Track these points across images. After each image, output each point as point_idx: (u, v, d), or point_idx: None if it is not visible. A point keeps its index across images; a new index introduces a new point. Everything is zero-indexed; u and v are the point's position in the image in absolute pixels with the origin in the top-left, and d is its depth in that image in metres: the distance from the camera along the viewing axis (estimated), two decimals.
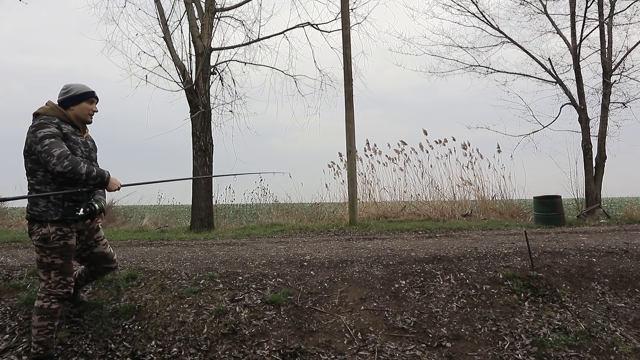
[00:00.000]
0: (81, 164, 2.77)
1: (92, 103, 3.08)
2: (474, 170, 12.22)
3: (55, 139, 2.77)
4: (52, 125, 2.82)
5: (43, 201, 2.84)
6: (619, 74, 11.97)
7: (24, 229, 10.06)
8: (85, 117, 3.06)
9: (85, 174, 2.77)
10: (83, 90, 3.04)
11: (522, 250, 5.25)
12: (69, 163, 2.71)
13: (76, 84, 3.07)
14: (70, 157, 2.74)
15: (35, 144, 2.77)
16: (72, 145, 2.87)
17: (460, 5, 12.61)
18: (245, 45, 10.36)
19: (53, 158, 2.70)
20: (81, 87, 3.06)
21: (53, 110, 2.95)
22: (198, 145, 9.57)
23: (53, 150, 2.72)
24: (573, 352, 3.48)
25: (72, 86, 3.05)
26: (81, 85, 3.07)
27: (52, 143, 2.74)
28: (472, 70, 12.93)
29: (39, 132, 2.77)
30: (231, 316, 3.69)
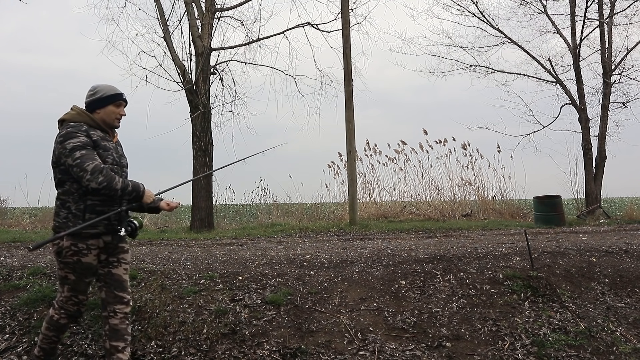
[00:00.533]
0: (116, 178, 2.57)
1: (120, 106, 2.80)
2: (474, 170, 12.24)
3: (86, 150, 2.55)
4: (81, 133, 2.59)
5: (64, 211, 2.63)
6: (619, 74, 11.98)
7: (24, 228, 10.07)
8: (112, 121, 2.78)
9: (121, 189, 2.58)
10: (110, 92, 2.76)
11: (522, 250, 5.25)
12: (103, 179, 2.51)
13: (103, 85, 2.80)
14: (104, 171, 2.53)
15: (64, 157, 2.54)
16: (102, 153, 2.65)
17: (460, 5, 12.63)
18: (245, 45, 10.36)
19: (87, 173, 2.49)
20: (108, 88, 2.79)
21: (80, 116, 2.69)
22: (198, 145, 9.57)
23: (86, 164, 2.49)
24: (573, 352, 3.48)
25: (99, 88, 2.78)
26: (109, 86, 2.80)
27: (83, 156, 2.52)
28: (472, 70, 12.95)
29: (68, 143, 2.54)
30: (231, 316, 3.69)
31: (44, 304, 3.80)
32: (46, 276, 4.31)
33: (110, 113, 2.76)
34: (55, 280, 4.19)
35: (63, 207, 2.63)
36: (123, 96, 2.82)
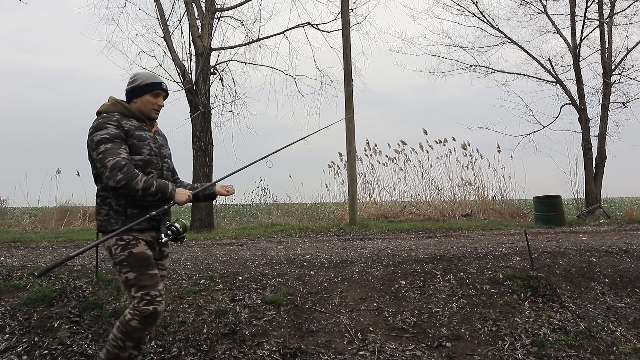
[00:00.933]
0: (137, 177, 2.34)
1: (158, 96, 2.59)
2: (474, 170, 12.25)
3: (111, 143, 2.36)
4: (111, 124, 2.41)
5: (105, 208, 2.45)
6: (619, 74, 11.99)
7: (24, 228, 10.07)
8: (149, 112, 2.58)
9: (142, 190, 2.34)
10: (148, 80, 2.58)
11: (522, 250, 5.26)
12: (122, 177, 2.30)
13: (143, 73, 2.64)
14: (125, 168, 2.32)
15: (91, 150, 2.40)
16: (136, 143, 2.46)
17: (460, 5, 12.64)
18: (245, 45, 10.37)
19: (106, 170, 2.32)
20: (147, 76, 2.61)
21: (114, 106, 2.54)
22: (198, 145, 9.57)
23: (107, 160, 2.32)
24: (573, 352, 3.48)
25: (138, 75, 2.61)
26: (148, 74, 2.64)
27: (106, 150, 2.34)
28: (472, 70, 12.96)
29: (95, 136, 2.38)
30: (231, 316, 3.69)
31: (44, 304, 3.80)
32: (46, 276, 4.31)
33: (147, 103, 2.57)
34: (55, 280, 4.19)
35: (103, 204, 2.45)
36: (162, 85, 2.61)
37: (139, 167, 2.44)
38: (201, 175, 9.43)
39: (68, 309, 3.74)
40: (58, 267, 4.56)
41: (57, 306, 3.80)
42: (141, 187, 2.35)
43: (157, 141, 2.63)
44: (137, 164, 2.44)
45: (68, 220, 11.10)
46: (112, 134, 2.39)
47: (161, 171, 2.58)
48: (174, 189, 2.47)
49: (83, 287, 4.06)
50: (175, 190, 2.48)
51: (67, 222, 11.03)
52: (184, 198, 2.50)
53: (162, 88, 2.60)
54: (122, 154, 2.37)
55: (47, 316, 3.68)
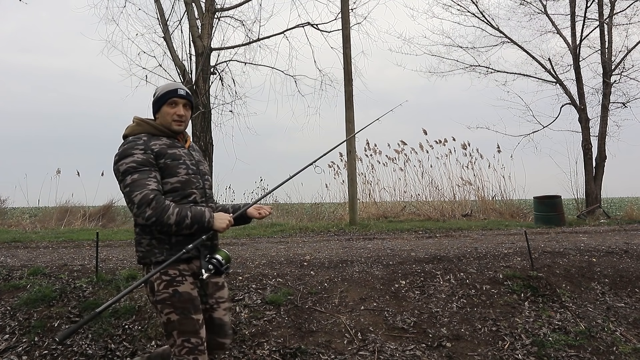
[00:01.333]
0: (168, 211, 2.07)
1: (175, 105, 2.29)
2: (474, 170, 12.25)
3: (138, 173, 2.09)
4: (137, 149, 2.13)
5: (146, 238, 2.19)
6: (619, 74, 11.99)
7: (24, 228, 10.06)
8: (169, 124, 2.27)
9: (176, 224, 2.08)
10: (162, 91, 2.31)
11: (522, 250, 5.25)
12: (152, 213, 2.04)
13: (161, 86, 2.38)
14: (153, 202, 2.05)
15: (119, 182, 2.14)
16: (170, 164, 2.18)
17: (460, 5, 12.64)
18: (245, 45, 10.38)
19: (134, 206, 2.06)
20: (163, 87, 2.34)
21: (139, 126, 2.27)
22: (198, 145, 9.57)
23: (133, 194, 2.06)
24: (573, 352, 3.48)
25: (156, 89, 2.37)
26: (165, 84, 2.37)
27: (133, 182, 2.07)
28: (472, 70, 12.97)
29: (121, 165, 2.11)
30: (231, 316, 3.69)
31: (44, 304, 3.81)
32: (46, 276, 4.31)
33: (166, 115, 2.28)
34: (55, 280, 4.19)
35: (144, 233, 2.18)
36: (177, 92, 2.30)
37: (178, 190, 2.19)
38: None
39: (68, 309, 3.75)
40: (58, 268, 4.58)
41: (57, 306, 3.80)
42: (174, 221, 2.08)
43: (194, 157, 2.34)
44: (175, 187, 2.18)
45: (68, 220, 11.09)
46: (138, 160, 2.11)
47: (203, 190, 2.30)
48: (212, 216, 2.17)
49: (83, 287, 4.06)
50: (214, 217, 2.17)
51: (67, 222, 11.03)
52: (225, 224, 2.19)
53: (177, 95, 2.29)
54: (151, 185, 2.09)
55: (47, 316, 3.68)
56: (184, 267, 2.17)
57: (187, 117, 2.34)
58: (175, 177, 2.19)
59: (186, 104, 2.32)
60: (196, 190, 2.25)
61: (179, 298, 2.13)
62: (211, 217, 2.17)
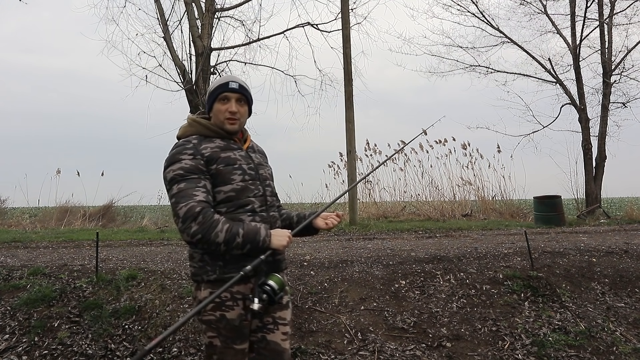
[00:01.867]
0: (217, 227, 1.78)
1: (227, 101, 1.98)
2: (474, 170, 12.25)
3: (185, 181, 1.83)
4: (185, 154, 1.88)
5: (198, 252, 1.92)
6: (619, 74, 11.99)
7: (24, 228, 10.07)
8: (222, 123, 1.99)
9: (225, 243, 1.79)
10: (212, 86, 2.04)
11: (522, 250, 5.25)
12: (197, 229, 1.77)
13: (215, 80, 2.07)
14: (199, 217, 1.77)
15: (167, 192, 1.89)
16: (222, 169, 1.90)
17: (460, 5, 12.63)
18: (245, 45, 10.37)
19: (178, 220, 1.80)
20: (215, 81, 2.07)
21: (191, 127, 2.01)
22: None
23: (179, 207, 1.79)
24: (573, 352, 3.48)
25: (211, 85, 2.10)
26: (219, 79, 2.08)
27: (179, 192, 1.81)
28: (472, 70, 12.96)
29: (168, 172, 1.87)
30: None
31: (44, 304, 3.81)
32: (46, 276, 4.31)
33: (217, 113, 1.99)
34: (55, 280, 4.19)
35: (196, 247, 1.92)
36: (229, 86, 1.99)
37: (233, 200, 1.91)
38: None
39: (68, 309, 3.75)
40: (58, 268, 4.58)
41: (57, 306, 3.80)
42: (223, 239, 1.78)
43: (252, 160, 2.03)
44: (230, 196, 1.90)
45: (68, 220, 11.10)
46: (186, 167, 1.85)
47: (263, 197, 1.99)
48: (268, 234, 1.86)
49: (83, 287, 4.06)
50: (271, 235, 1.87)
51: (67, 222, 11.03)
52: (284, 242, 1.88)
53: (229, 89, 1.98)
54: (198, 195, 1.81)
55: (47, 316, 3.68)
56: (238, 289, 1.87)
57: (243, 113, 2.02)
58: (229, 185, 1.90)
59: (240, 99, 2.00)
60: (254, 198, 1.95)
61: (226, 324, 1.87)
62: (267, 235, 1.85)
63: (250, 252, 1.82)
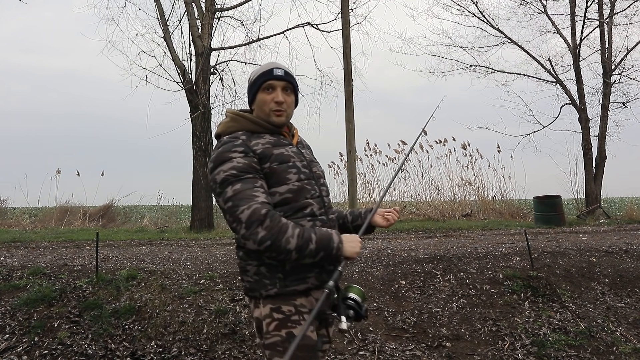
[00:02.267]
0: (287, 232, 1.54)
1: (272, 90, 1.74)
2: (474, 170, 12.25)
3: (241, 182, 1.58)
4: (235, 151, 1.63)
5: (253, 264, 1.65)
6: (619, 74, 11.99)
7: (24, 228, 10.07)
8: (267, 115, 1.74)
9: (297, 250, 1.54)
10: (255, 74, 1.78)
11: (522, 250, 5.25)
12: (266, 235, 1.52)
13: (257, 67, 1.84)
14: (267, 220, 1.53)
15: (216, 195, 1.63)
16: (277, 168, 1.66)
17: (460, 5, 12.63)
18: (245, 45, 10.38)
19: (240, 226, 1.53)
20: (257, 69, 1.82)
21: (234, 122, 1.76)
22: (198, 145, 9.57)
23: (239, 210, 1.54)
24: (573, 352, 3.48)
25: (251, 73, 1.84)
26: (261, 66, 1.82)
27: (236, 195, 1.56)
28: (472, 70, 12.96)
29: (217, 173, 1.61)
30: (231, 316, 3.69)
31: (44, 304, 3.81)
32: (46, 276, 4.31)
33: (262, 104, 1.74)
34: (55, 280, 4.19)
35: (250, 258, 1.65)
36: (273, 72, 1.75)
37: (290, 203, 1.65)
38: (201, 175, 9.43)
39: (68, 309, 3.75)
40: (58, 268, 4.58)
41: (57, 306, 3.80)
42: (295, 246, 1.54)
43: (304, 157, 1.79)
44: (286, 198, 1.65)
45: (68, 220, 11.10)
46: (239, 166, 1.60)
47: (321, 199, 1.74)
48: (341, 240, 1.62)
49: (83, 287, 4.06)
50: (343, 241, 1.63)
51: (67, 222, 11.04)
52: (357, 249, 1.64)
53: (273, 76, 1.74)
54: (259, 197, 1.57)
55: (47, 316, 3.68)
56: (302, 302, 1.62)
57: (290, 103, 1.77)
58: (285, 185, 1.65)
59: (286, 87, 1.76)
60: (312, 200, 1.70)
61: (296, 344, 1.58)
62: (340, 241, 1.61)
63: (323, 260, 1.61)
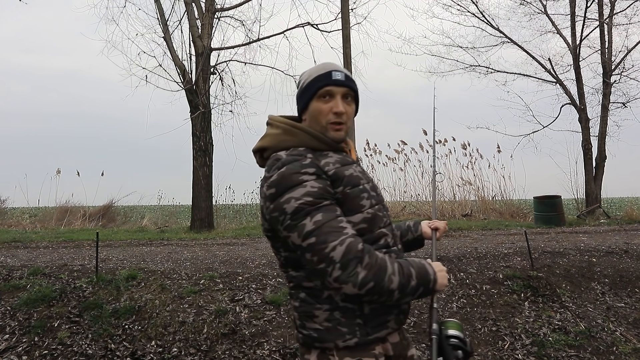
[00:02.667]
0: (388, 268, 1.26)
1: (329, 98, 1.40)
2: (474, 170, 12.25)
3: (321, 212, 1.25)
4: (306, 172, 1.28)
5: (323, 309, 1.32)
6: (619, 74, 11.99)
7: (24, 228, 10.06)
8: (323, 129, 1.40)
9: (399, 288, 1.26)
10: (309, 77, 1.43)
11: (522, 250, 5.25)
12: (367, 275, 1.22)
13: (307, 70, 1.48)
14: (367, 258, 1.23)
15: (285, 229, 1.27)
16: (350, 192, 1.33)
17: (460, 5, 12.63)
18: (245, 45, 10.38)
19: (333, 266, 1.21)
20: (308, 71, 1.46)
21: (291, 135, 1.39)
22: (198, 145, 9.57)
23: (329, 246, 1.21)
24: (573, 352, 3.48)
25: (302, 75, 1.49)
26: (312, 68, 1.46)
27: (320, 227, 1.23)
28: (472, 70, 12.96)
29: (286, 202, 1.26)
30: (231, 316, 3.69)
31: (44, 304, 3.81)
32: (46, 276, 4.31)
33: (317, 115, 1.40)
34: (55, 280, 4.19)
35: (318, 302, 1.33)
36: (332, 77, 1.40)
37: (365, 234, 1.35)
38: (201, 175, 9.43)
39: (68, 309, 3.75)
40: (58, 268, 4.58)
41: (57, 306, 3.80)
42: (397, 285, 1.26)
43: (368, 177, 1.46)
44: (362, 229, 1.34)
45: (68, 220, 11.10)
46: (315, 192, 1.26)
47: (391, 227, 1.46)
48: (435, 273, 1.37)
49: (83, 287, 4.06)
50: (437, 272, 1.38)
51: (67, 222, 11.04)
52: (446, 280, 1.42)
53: (332, 81, 1.40)
54: (347, 229, 1.26)
55: (47, 316, 3.68)
56: (379, 351, 1.34)
57: (350, 114, 1.44)
58: (360, 214, 1.34)
59: (347, 94, 1.42)
60: (385, 229, 1.40)
61: None
62: (434, 272, 1.37)
63: (415, 298, 1.35)
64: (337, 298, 1.32)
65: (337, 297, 1.32)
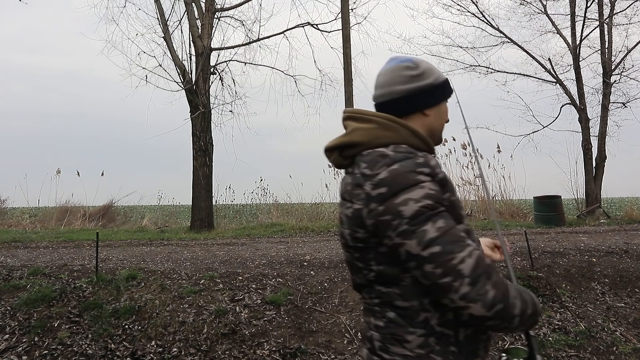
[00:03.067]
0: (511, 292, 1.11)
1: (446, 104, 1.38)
2: (474, 170, 12.24)
3: (442, 219, 1.10)
4: (422, 172, 1.13)
5: (417, 333, 1.15)
6: (619, 74, 11.99)
7: (24, 228, 10.06)
8: (437, 131, 1.35)
9: (520, 316, 1.12)
10: (440, 78, 1.34)
11: (522, 250, 5.26)
12: (496, 294, 1.07)
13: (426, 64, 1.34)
14: (494, 275, 1.10)
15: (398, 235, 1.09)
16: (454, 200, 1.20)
17: (460, 5, 12.63)
18: (245, 45, 10.38)
19: (462, 281, 1.05)
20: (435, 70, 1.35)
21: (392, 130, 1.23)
22: (198, 145, 9.57)
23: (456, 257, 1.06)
24: (573, 352, 3.48)
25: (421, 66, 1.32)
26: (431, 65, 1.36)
27: (444, 235, 1.08)
28: (472, 70, 12.96)
29: (403, 203, 1.09)
30: (231, 316, 3.69)
31: (44, 304, 3.81)
32: (46, 276, 4.31)
33: (444, 115, 1.36)
34: (55, 280, 4.19)
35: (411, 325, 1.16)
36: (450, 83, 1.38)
37: None
38: (201, 175, 9.44)
39: (68, 309, 3.75)
40: (58, 268, 4.58)
41: (57, 306, 3.80)
42: (520, 311, 1.12)
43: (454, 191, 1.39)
44: None
45: (68, 220, 11.10)
46: (433, 195, 1.11)
47: None
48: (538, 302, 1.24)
49: (83, 287, 4.06)
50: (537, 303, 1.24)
51: (67, 222, 11.04)
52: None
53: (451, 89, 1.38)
54: (468, 239, 1.13)
55: (47, 316, 3.68)
56: None
57: None
58: (462, 225, 1.19)
59: None
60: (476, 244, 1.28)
61: None
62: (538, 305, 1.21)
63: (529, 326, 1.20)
64: (434, 322, 1.15)
65: (434, 320, 1.15)
